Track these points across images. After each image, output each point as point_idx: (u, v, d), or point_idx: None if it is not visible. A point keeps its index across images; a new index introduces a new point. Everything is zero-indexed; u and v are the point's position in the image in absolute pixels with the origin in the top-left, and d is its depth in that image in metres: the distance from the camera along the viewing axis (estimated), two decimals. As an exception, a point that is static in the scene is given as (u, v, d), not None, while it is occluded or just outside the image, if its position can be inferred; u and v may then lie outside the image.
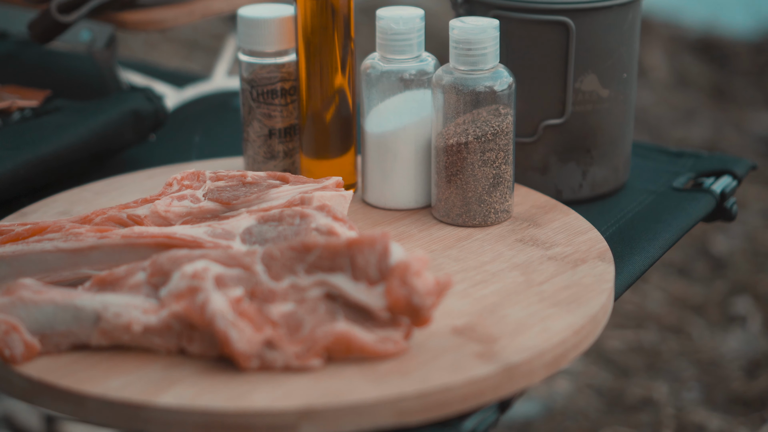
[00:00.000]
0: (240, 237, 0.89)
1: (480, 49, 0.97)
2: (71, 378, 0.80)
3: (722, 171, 1.17)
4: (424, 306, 0.80)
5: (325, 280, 0.83)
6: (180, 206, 0.93)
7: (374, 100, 1.03)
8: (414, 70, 1.02)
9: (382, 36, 1.01)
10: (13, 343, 0.81)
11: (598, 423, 1.81)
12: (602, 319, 0.89)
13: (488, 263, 0.95)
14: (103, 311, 0.81)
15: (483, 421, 0.80)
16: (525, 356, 0.81)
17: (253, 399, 0.77)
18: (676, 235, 1.06)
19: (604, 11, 1.07)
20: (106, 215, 0.92)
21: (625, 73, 1.10)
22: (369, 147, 1.04)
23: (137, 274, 0.84)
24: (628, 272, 0.99)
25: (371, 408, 0.77)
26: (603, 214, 1.09)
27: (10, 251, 0.89)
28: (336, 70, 1.05)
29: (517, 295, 0.90)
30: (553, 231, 1.00)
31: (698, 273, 2.18)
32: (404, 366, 0.80)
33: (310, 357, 0.80)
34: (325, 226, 0.88)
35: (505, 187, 1.01)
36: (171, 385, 0.79)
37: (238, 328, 0.79)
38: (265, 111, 1.07)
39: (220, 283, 0.81)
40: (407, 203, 1.05)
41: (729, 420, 1.81)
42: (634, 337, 2.00)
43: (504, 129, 0.99)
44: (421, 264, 0.81)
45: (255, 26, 1.06)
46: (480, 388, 0.79)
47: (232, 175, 0.97)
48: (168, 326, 0.81)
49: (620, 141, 1.12)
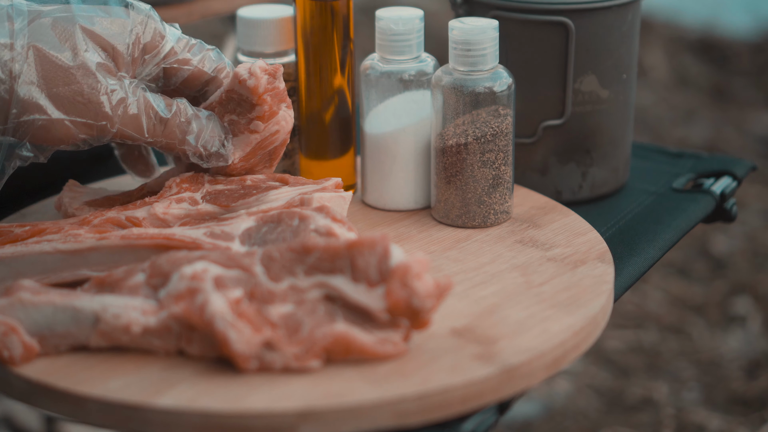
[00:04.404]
0: (239, 238, 0.89)
1: (479, 50, 0.97)
2: (70, 379, 0.80)
3: (722, 172, 1.17)
4: (424, 308, 0.80)
5: (325, 282, 0.82)
6: (178, 209, 0.93)
7: (373, 101, 1.03)
8: (413, 71, 1.02)
9: (381, 37, 1.01)
10: (11, 345, 0.81)
11: (598, 423, 1.81)
12: (602, 321, 0.89)
13: (488, 264, 0.95)
14: (102, 312, 0.81)
15: (482, 423, 0.80)
16: (524, 357, 0.81)
17: (252, 400, 0.77)
18: (676, 236, 1.06)
19: (603, 12, 1.07)
20: (105, 217, 0.92)
21: (625, 73, 1.10)
22: (368, 148, 1.04)
23: (136, 276, 0.84)
24: (628, 273, 0.99)
25: (370, 409, 0.77)
26: (603, 215, 1.09)
27: (9, 252, 0.89)
28: (335, 71, 1.05)
29: (516, 297, 0.90)
30: (552, 232, 1.00)
31: (698, 273, 2.18)
32: (404, 367, 0.80)
33: (309, 358, 0.80)
34: (325, 227, 0.88)
35: (504, 188, 1.01)
36: (170, 387, 0.79)
37: (237, 330, 0.79)
38: (264, 112, 1.07)
39: (219, 285, 0.81)
40: (406, 204, 1.05)
41: (729, 420, 1.80)
42: (634, 337, 2.00)
43: (503, 130, 0.99)
44: (422, 266, 0.81)
45: (254, 27, 1.06)
46: (479, 389, 0.79)
47: (231, 178, 0.96)
48: (167, 327, 0.81)
49: (620, 142, 1.12)
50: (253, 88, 0.93)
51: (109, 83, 0.88)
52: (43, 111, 0.86)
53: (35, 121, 0.86)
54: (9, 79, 0.85)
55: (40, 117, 0.86)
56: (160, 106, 0.91)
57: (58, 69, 0.87)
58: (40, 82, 0.86)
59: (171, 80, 0.93)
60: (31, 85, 0.86)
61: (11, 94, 0.85)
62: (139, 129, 0.90)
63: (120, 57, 0.89)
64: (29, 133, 0.87)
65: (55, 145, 0.89)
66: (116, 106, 0.88)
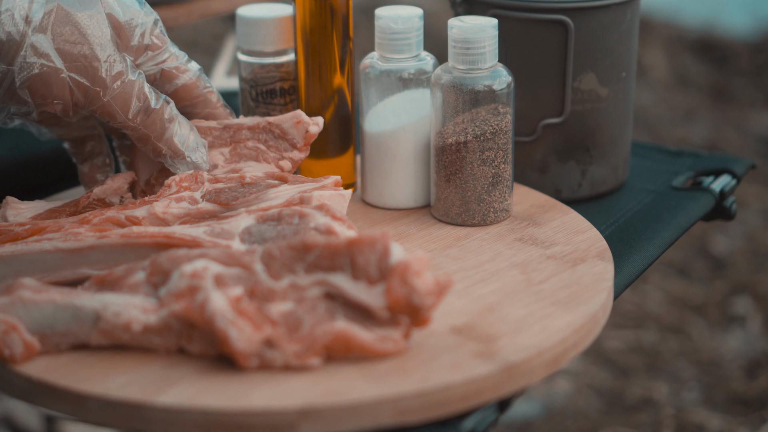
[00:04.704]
0: (239, 236, 0.89)
1: (479, 48, 0.97)
2: (71, 378, 0.80)
3: (721, 170, 1.17)
4: (424, 306, 0.80)
5: (325, 280, 0.82)
6: (178, 208, 0.93)
7: (373, 100, 1.03)
8: (413, 70, 1.02)
9: (380, 35, 1.01)
10: (12, 343, 0.81)
11: (598, 423, 1.81)
12: (602, 318, 0.89)
13: (487, 262, 0.95)
14: (103, 311, 0.81)
15: (482, 421, 0.80)
16: (524, 355, 0.81)
17: (253, 398, 0.77)
18: (676, 234, 1.06)
19: (602, 10, 1.07)
20: (104, 216, 0.92)
21: (624, 72, 1.10)
22: (368, 146, 1.04)
23: (136, 274, 0.84)
24: (628, 271, 0.99)
25: (371, 407, 0.77)
26: (602, 213, 1.09)
27: (10, 251, 0.89)
28: (335, 70, 1.05)
29: (516, 294, 0.90)
30: (552, 230, 1.00)
31: (698, 273, 2.18)
32: (404, 365, 0.80)
33: (309, 356, 0.80)
34: (324, 225, 0.88)
35: (504, 186, 1.01)
36: (170, 385, 0.79)
37: (238, 327, 0.79)
38: (264, 111, 1.07)
39: (219, 283, 0.81)
40: (406, 202, 1.05)
41: (729, 420, 1.80)
42: (634, 337, 2.00)
43: (503, 128, 0.99)
44: (422, 264, 0.81)
45: (254, 26, 1.06)
46: (479, 387, 0.79)
47: (231, 176, 0.97)
48: (167, 325, 0.81)
49: (619, 140, 1.12)
50: (310, 136, 0.99)
51: (114, 54, 0.92)
52: (48, 58, 0.90)
53: (36, 65, 0.89)
54: (24, 23, 0.89)
55: (43, 62, 0.89)
56: (151, 95, 0.93)
57: (71, 27, 0.90)
58: (52, 34, 0.90)
59: (165, 86, 0.96)
60: (43, 34, 0.89)
61: (23, 37, 0.89)
62: (125, 108, 0.93)
63: (126, 38, 0.93)
64: (30, 79, 0.90)
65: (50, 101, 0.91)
66: (114, 78, 0.92)
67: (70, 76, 0.90)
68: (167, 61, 0.95)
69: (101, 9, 0.91)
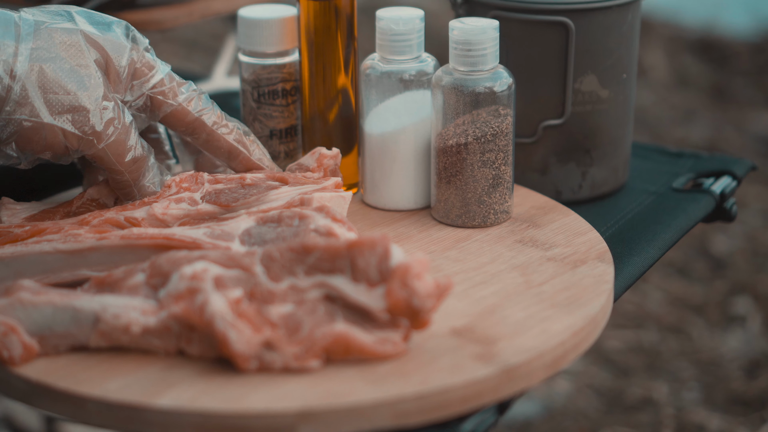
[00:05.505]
0: (239, 238, 0.89)
1: (480, 50, 0.97)
2: (70, 379, 0.80)
3: (722, 171, 1.17)
4: (424, 308, 0.80)
5: (325, 282, 0.82)
6: (178, 209, 0.93)
7: (374, 101, 1.03)
8: (414, 71, 1.02)
9: (381, 37, 1.01)
10: (11, 345, 0.81)
11: (598, 423, 1.81)
12: (602, 320, 0.89)
13: (487, 264, 0.95)
14: (102, 312, 0.81)
15: (482, 423, 0.80)
16: (524, 357, 0.81)
17: (252, 400, 0.77)
18: (676, 236, 1.06)
19: (603, 12, 1.07)
20: (104, 217, 0.92)
21: (625, 73, 1.10)
22: (368, 148, 1.04)
23: (136, 276, 0.84)
24: (628, 273, 0.99)
25: (370, 409, 0.77)
26: (602, 215, 1.09)
27: (9, 252, 0.89)
28: (339, 70, 1.05)
29: (516, 296, 0.90)
30: (552, 232, 1.00)
31: (698, 273, 2.18)
32: (403, 367, 0.80)
33: (309, 358, 0.80)
34: (324, 227, 0.88)
35: (504, 187, 1.01)
36: (170, 387, 0.79)
37: (237, 329, 0.79)
38: (266, 112, 1.07)
39: (219, 285, 0.81)
40: (406, 204, 1.05)
41: (729, 420, 1.81)
42: (634, 337, 2.00)
43: (503, 130, 0.99)
44: (422, 266, 0.81)
45: (256, 27, 1.06)
46: (479, 389, 0.79)
47: (231, 177, 0.96)
48: (167, 327, 0.81)
49: (620, 141, 1.12)
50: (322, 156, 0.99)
51: (103, 101, 0.90)
52: (35, 113, 0.88)
53: (25, 121, 0.88)
54: (8, 77, 0.87)
55: (31, 118, 0.88)
56: (143, 143, 0.93)
57: (57, 76, 0.88)
58: (39, 86, 0.88)
59: (155, 113, 0.95)
60: (28, 87, 0.87)
61: (8, 92, 0.87)
62: (120, 156, 0.92)
63: (113, 73, 0.91)
64: (18, 132, 0.89)
65: (40, 152, 0.90)
66: (106, 125, 0.90)
67: (60, 128, 0.89)
68: (155, 87, 0.94)
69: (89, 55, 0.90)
